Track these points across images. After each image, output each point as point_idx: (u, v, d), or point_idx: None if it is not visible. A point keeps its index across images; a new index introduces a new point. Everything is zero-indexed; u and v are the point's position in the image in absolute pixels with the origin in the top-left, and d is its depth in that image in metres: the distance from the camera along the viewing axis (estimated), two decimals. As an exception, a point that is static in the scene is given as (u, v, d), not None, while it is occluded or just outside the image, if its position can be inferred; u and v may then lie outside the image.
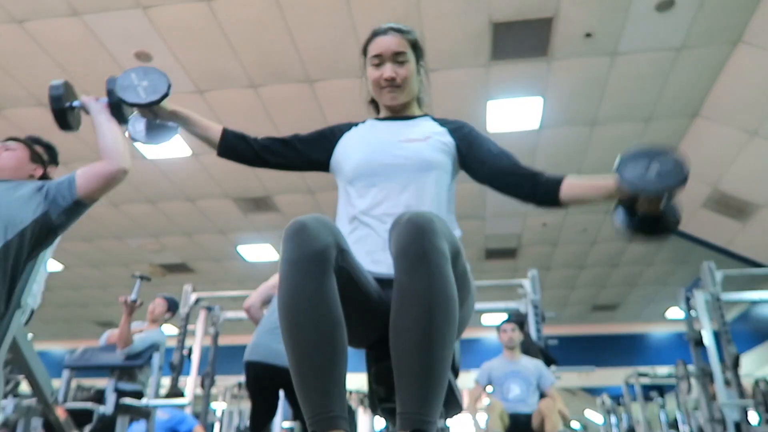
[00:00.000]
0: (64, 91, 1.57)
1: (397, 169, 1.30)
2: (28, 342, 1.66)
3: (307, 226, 0.98)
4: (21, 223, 1.60)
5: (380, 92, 1.40)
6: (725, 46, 4.28)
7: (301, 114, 5.06)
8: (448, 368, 0.95)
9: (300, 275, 0.96)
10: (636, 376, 6.75)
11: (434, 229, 0.97)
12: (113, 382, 3.24)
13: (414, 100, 1.46)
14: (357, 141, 1.40)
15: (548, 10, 3.99)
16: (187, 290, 5.54)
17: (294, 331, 0.95)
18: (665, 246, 7.72)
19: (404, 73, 1.37)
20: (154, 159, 5.77)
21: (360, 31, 4.15)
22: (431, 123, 1.43)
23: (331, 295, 0.97)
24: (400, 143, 1.34)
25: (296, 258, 0.96)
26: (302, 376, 0.93)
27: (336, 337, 0.95)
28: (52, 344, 11.46)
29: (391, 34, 1.38)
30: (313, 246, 0.97)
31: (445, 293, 0.95)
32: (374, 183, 1.30)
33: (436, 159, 1.32)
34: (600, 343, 11.27)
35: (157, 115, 1.40)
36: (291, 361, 0.95)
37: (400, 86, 1.37)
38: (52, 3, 3.89)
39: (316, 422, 0.90)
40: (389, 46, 1.36)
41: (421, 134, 1.37)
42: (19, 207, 1.63)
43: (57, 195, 1.67)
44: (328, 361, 0.94)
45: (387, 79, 1.36)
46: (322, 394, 0.92)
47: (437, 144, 1.35)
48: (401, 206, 1.26)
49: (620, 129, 5.27)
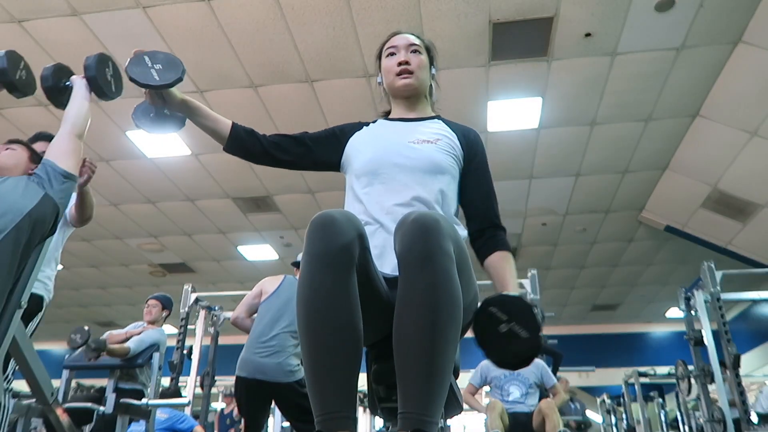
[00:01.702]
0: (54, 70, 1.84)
1: (406, 170, 1.31)
2: (28, 342, 1.66)
3: (336, 220, 0.97)
4: (26, 207, 1.65)
5: (393, 79, 1.42)
6: (725, 46, 4.28)
7: (301, 114, 5.06)
8: (450, 369, 0.95)
9: (323, 270, 0.95)
10: (636, 376, 6.74)
11: (440, 230, 0.96)
12: (113, 382, 3.23)
13: (425, 98, 1.48)
14: (367, 140, 1.41)
15: (548, 10, 3.99)
16: (187, 290, 5.54)
17: (311, 326, 0.94)
18: (665, 246, 7.72)
19: (417, 61, 1.41)
20: (154, 158, 5.78)
21: (360, 31, 4.15)
22: (442, 125, 1.43)
23: (352, 293, 0.96)
24: (410, 144, 1.35)
25: (322, 252, 0.95)
26: (315, 374, 0.93)
27: (353, 338, 0.95)
28: (52, 344, 11.46)
29: (407, 33, 1.45)
30: (340, 241, 0.96)
31: (450, 294, 0.95)
32: (382, 181, 1.31)
33: (445, 162, 1.33)
34: (600, 343, 11.27)
35: (167, 102, 1.36)
36: (305, 356, 0.95)
37: (413, 72, 1.40)
38: (52, 3, 3.89)
39: (324, 421, 0.90)
40: (406, 39, 1.44)
41: (431, 135, 1.37)
42: (19, 196, 1.68)
43: (47, 177, 1.77)
44: (343, 361, 0.93)
45: (401, 62, 1.39)
46: (333, 394, 0.91)
47: (447, 147, 1.36)
48: (407, 205, 1.26)
49: (620, 129, 5.27)
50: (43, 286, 2.33)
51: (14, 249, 1.57)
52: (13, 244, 1.57)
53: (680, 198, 6.27)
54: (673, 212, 6.61)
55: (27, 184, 1.74)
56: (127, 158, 5.74)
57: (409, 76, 1.39)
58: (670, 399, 9.11)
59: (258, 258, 8.35)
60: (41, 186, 1.74)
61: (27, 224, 1.62)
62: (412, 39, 1.43)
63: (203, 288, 7.33)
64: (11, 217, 1.60)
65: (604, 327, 11.46)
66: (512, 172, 6.03)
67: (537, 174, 6.11)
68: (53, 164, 1.80)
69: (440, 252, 0.95)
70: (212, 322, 5.65)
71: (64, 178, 1.80)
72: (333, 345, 0.93)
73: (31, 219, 1.64)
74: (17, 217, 1.61)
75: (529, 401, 3.64)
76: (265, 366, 2.93)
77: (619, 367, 9.28)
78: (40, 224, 1.67)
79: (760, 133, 4.92)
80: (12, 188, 1.71)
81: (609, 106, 4.93)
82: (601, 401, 8.73)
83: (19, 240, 1.59)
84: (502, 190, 7.45)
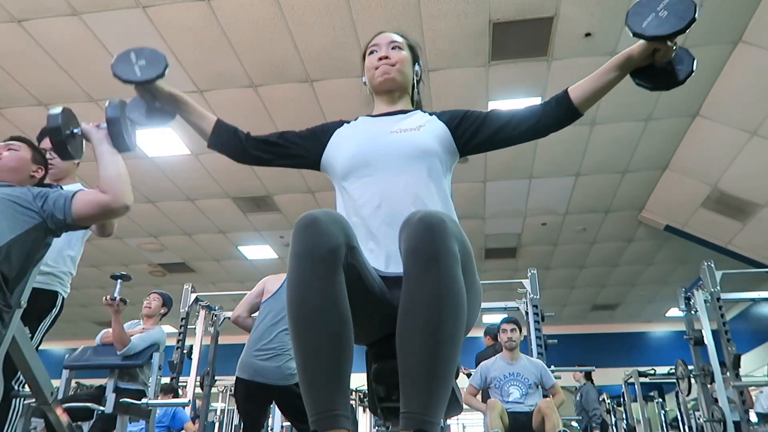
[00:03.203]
0: (62, 120, 1.48)
1: (392, 158, 1.30)
2: (28, 342, 1.66)
3: (319, 221, 0.97)
4: (21, 227, 1.59)
5: (374, 74, 1.42)
6: (725, 46, 4.28)
7: (301, 114, 5.06)
8: (454, 369, 0.95)
9: (309, 271, 0.95)
10: (636, 376, 6.74)
11: (446, 230, 0.96)
12: (113, 382, 3.23)
13: (407, 95, 1.47)
14: (350, 136, 1.41)
15: (548, 10, 3.99)
16: (187, 290, 5.54)
17: (300, 327, 0.94)
18: (665, 246, 7.72)
19: (398, 56, 1.41)
20: (154, 158, 5.78)
21: (360, 31, 4.15)
22: (422, 114, 1.44)
23: (340, 292, 0.96)
24: (392, 134, 1.35)
25: (306, 253, 0.95)
26: (307, 373, 0.93)
27: (343, 336, 0.95)
28: (52, 344, 11.46)
29: (389, 33, 1.45)
30: (324, 241, 0.96)
31: (455, 295, 0.95)
32: (369, 174, 1.30)
33: (429, 145, 1.32)
34: (600, 343, 11.27)
35: (155, 96, 1.39)
36: (297, 357, 0.95)
37: (393, 65, 1.40)
38: (52, 3, 3.89)
39: (318, 420, 0.90)
40: (386, 38, 1.44)
41: (413, 124, 1.37)
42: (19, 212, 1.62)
43: (54, 209, 1.63)
44: (334, 360, 0.93)
45: (381, 57, 1.40)
46: (325, 393, 0.92)
47: (428, 131, 1.35)
48: (398, 196, 1.25)
49: (619, 129, 5.27)
50: (58, 282, 2.30)
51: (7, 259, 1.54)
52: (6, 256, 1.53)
53: (680, 198, 6.27)
54: (673, 212, 6.62)
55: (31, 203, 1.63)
56: (127, 158, 5.70)
57: (389, 68, 1.40)
58: (670, 399, 9.13)
59: (258, 257, 8.35)
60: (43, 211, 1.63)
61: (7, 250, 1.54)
62: (393, 37, 1.44)
63: (203, 288, 7.33)
64: None
65: (604, 327, 11.46)
66: (512, 171, 6.03)
67: (537, 174, 6.11)
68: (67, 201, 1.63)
69: (446, 252, 0.95)
70: (212, 322, 5.65)
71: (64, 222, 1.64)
72: (322, 344, 0.93)
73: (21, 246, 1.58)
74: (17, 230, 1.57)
75: (528, 401, 3.63)
76: (264, 369, 2.93)
77: (619, 367, 9.28)
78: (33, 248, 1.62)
79: (760, 133, 4.92)
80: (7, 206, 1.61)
81: (609, 106, 4.93)
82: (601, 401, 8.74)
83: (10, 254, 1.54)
84: (502, 190, 7.47)
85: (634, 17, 1.15)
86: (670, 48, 1.16)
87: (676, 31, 1.11)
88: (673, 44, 1.15)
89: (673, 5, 1.12)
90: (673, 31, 1.11)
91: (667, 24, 1.11)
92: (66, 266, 2.36)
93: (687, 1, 1.11)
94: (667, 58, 1.18)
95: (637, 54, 1.20)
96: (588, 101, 1.29)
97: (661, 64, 1.19)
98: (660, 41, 1.14)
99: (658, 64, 1.20)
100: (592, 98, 1.28)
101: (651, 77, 1.23)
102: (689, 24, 1.09)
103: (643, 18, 1.14)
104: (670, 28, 1.11)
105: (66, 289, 2.36)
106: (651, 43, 1.16)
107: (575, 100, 1.29)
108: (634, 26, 1.15)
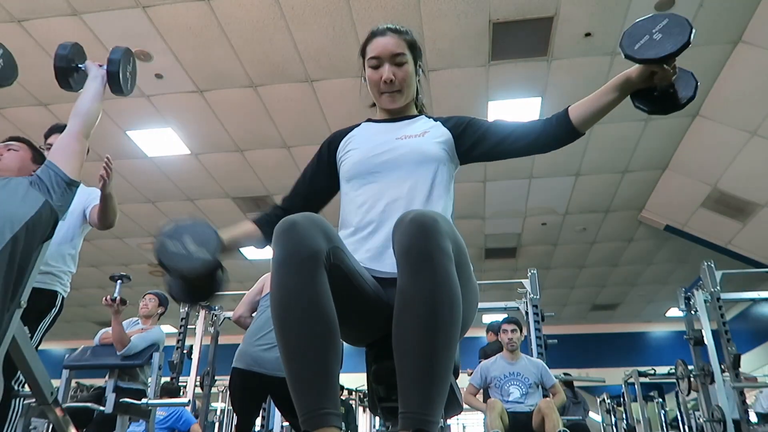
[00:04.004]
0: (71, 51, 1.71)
1: (396, 164, 1.30)
2: (28, 342, 1.66)
3: (297, 225, 0.97)
4: (25, 216, 1.61)
5: (379, 96, 1.40)
6: (725, 46, 4.28)
7: (301, 114, 5.06)
8: (451, 368, 0.95)
9: (289, 274, 0.96)
10: (636, 376, 6.74)
11: (439, 229, 0.96)
12: (113, 382, 3.23)
13: (411, 103, 1.46)
14: (354, 144, 1.41)
15: (548, 10, 3.99)
16: (187, 290, 5.53)
17: (285, 330, 0.95)
18: (665, 246, 7.72)
19: (402, 75, 1.36)
20: (153, 158, 5.77)
21: (360, 31, 4.15)
22: (426, 120, 1.43)
23: (322, 293, 0.96)
24: (396, 140, 1.35)
25: (286, 257, 0.96)
26: (294, 374, 0.94)
27: (327, 335, 0.95)
28: (52, 344, 11.46)
29: (389, 35, 1.37)
30: (303, 245, 0.96)
31: (450, 294, 0.95)
32: (374, 180, 1.30)
33: (434, 152, 1.32)
34: (600, 343, 11.28)
35: None
36: (283, 359, 0.96)
37: (399, 90, 1.37)
38: (52, 3, 3.89)
39: (307, 419, 0.90)
40: (387, 47, 1.35)
41: (417, 130, 1.37)
42: (19, 202, 1.65)
43: (50, 183, 1.71)
44: (320, 360, 0.93)
45: (386, 81, 1.35)
46: (312, 392, 0.92)
47: (433, 138, 1.35)
48: (402, 201, 1.26)
49: (619, 128, 5.27)
50: (58, 281, 2.30)
51: (11, 259, 1.54)
52: (10, 255, 1.54)
53: (680, 198, 6.27)
54: (673, 212, 6.62)
55: (28, 189, 1.70)
56: (127, 158, 5.73)
57: (394, 93, 1.37)
58: (670, 399, 9.12)
59: (258, 257, 8.35)
60: (43, 191, 1.70)
61: (24, 233, 1.59)
62: (393, 44, 1.35)
63: (203, 288, 7.31)
64: (9, 226, 1.57)
65: (604, 327, 11.46)
66: (512, 171, 6.03)
67: (537, 174, 6.11)
68: (57, 169, 1.75)
69: (439, 251, 0.95)
70: (212, 322, 5.65)
71: (67, 185, 1.75)
72: (306, 345, 0.94)
73: (30, 227, 1.61)
74: (16, 226, 1.58)
75: (528, 401, 3.63)
76: (263, 359, 2.90)
77: (619, 367, 9.28)
78: (39, 231, 1.64)
79: (760, 132, 4.92)
80: (12, 193, 1.67)
81: (609, 106, 4.92)
82: (601, 401, 8.74)
83: (15, 250, 1.55)
84: (502, 190, 7.46)
85: (628, 39, 1.13)
86: (668, 71, 1.12)
87: (667, 55, 1.08)
88: (671, 67, 1.12)
89: (669, 28, 1.10)
90: (664, 54, 1.08)
91: (659, 47, 1.08)
92: (66, 265, 2.36)
93: (683, 24, 1.09)
94: (666, 81, 1.15)
95: (635, 76, 1.17)
96: (588, 122, 1.27)
97: (662, 87, 1.16)
98: (655, 64, 1.11)
99: (658, 87, 1.16)
100: (591, 119, 1.27)
101: (651, 100, 1.20)
102: (682, 48, 1.06)
103: (636, 40, 1.12)
104: (661, 51, 1.08)
105: (66, 289, 2.36)
106: (647, 65, 1.13)
107: (575, 120, 1.28)
108: (626, 48, 1.12)
